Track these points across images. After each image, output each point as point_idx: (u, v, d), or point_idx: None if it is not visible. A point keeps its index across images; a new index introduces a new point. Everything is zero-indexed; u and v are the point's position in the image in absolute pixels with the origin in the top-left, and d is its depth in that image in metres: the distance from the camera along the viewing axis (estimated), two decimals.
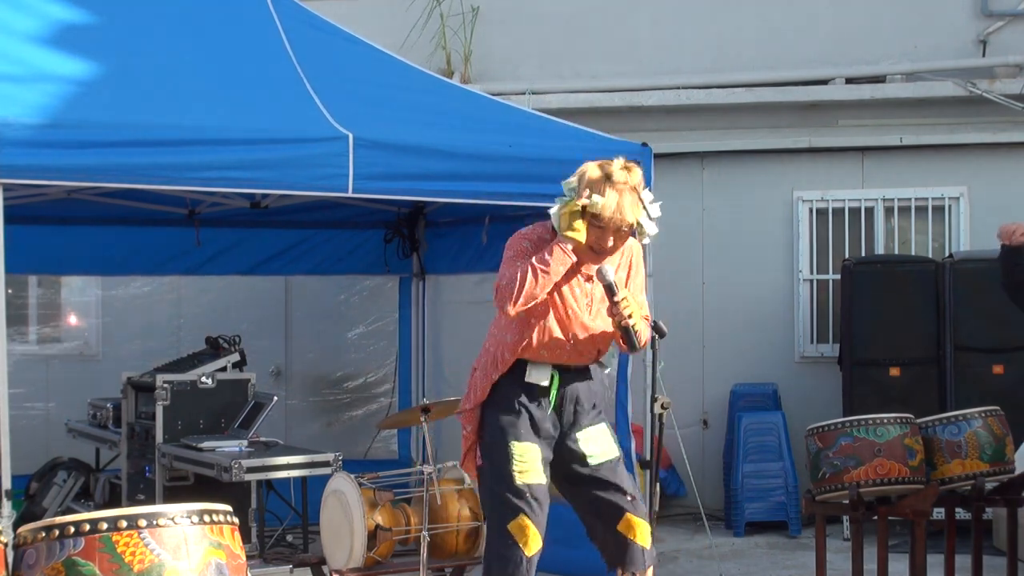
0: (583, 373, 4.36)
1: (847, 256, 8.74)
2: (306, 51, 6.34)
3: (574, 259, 4.14)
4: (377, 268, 8.48)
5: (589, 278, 4.26)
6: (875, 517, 5.45)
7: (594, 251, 4.16)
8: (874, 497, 5.37)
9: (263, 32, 6.41)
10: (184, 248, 8.11)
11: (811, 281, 9.23)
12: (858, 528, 5.48)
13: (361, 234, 8.47)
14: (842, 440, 5.27)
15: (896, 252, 8.95)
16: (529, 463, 4.19)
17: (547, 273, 4.09)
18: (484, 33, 9.54)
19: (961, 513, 6.01)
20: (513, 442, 4.20)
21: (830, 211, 9.19)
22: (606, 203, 4.07)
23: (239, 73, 6.14)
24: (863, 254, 8.91)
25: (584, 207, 4.09)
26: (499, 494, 4.19)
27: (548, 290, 4.13)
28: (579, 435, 4.31)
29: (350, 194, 5.87)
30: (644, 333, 4.26)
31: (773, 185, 9.28)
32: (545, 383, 4.25)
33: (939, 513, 6.25)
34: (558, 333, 4.23)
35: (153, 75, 5.90)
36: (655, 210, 4.18)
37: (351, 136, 5.71)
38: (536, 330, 4.23)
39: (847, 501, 5.30)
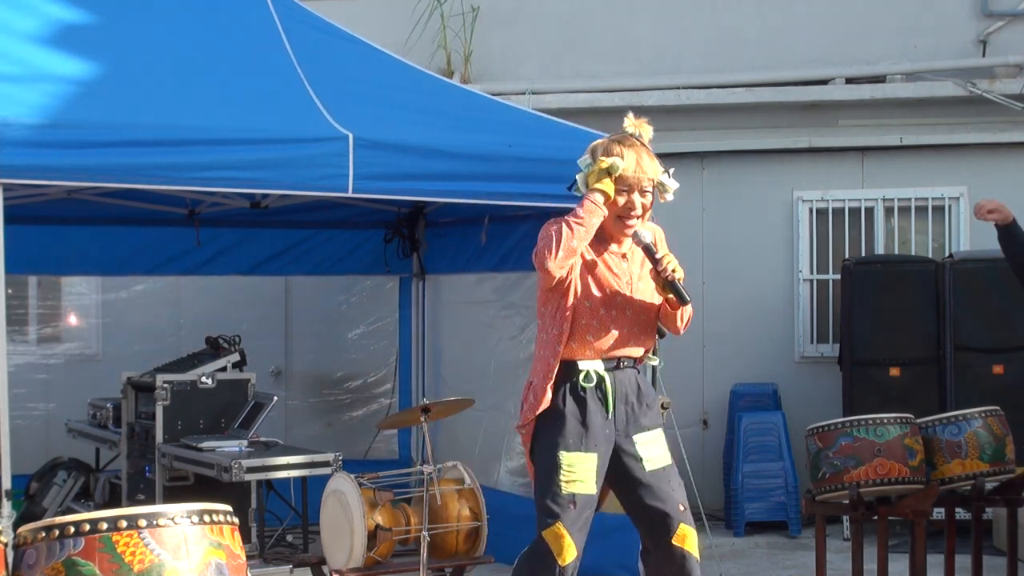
0: (630, 374, 4.30)
1: (847, 256, 8.74)
2: (306, 51, 6.34)
3: (605, 212, 4.13)
4: (377, 268, 8.48)
5: (624, 256, 4.28)
6: (875, 517, 5.45)
7: (622, 219, 4.19)
8: (874, 497, 5.37)
9: (263, 32, 6.41)
10: (184, 248, 8.11)
11: (811, 281, 9.23)
12: (858, 528, 5.48)
13: (361, 234, 8.47)
14: (842, 440, 5.27)
15: (896, 252, 8.95)
16: (579, 473, 4.12)
17: (581, 224, 4.08)
18: (484, 33, 9.54)
19: (961, 513, 6.01)
20: (562, 452, 4.14)
21: (830, 211, 9.19)
22: (627, 162, 4.15)
23: (239, 73, 6.14)
24: (863, 254, 8.91)
25: (607, 169, 4.13)
26: (541, 501, 4.13)
27: (585, 243, 4.12)
28: (636, 437, 4.25)
29: (350, 194, 5.86)
30: (688, 307, 4.32)
31: (773, 185, 9.28)
32: (592, 384, 4.19)
33: (939, 513, 6.26)
34: (603, 314, 4.20)
35: (153, 75, 5.90)
36: (670, 174, 4.27)
37: (351, 136, 5.71)
38: (582, 313, 4.18)
39: (847, 501, 5.30)
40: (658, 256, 4.18)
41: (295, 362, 8.82)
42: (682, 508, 4.26)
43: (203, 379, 7.06)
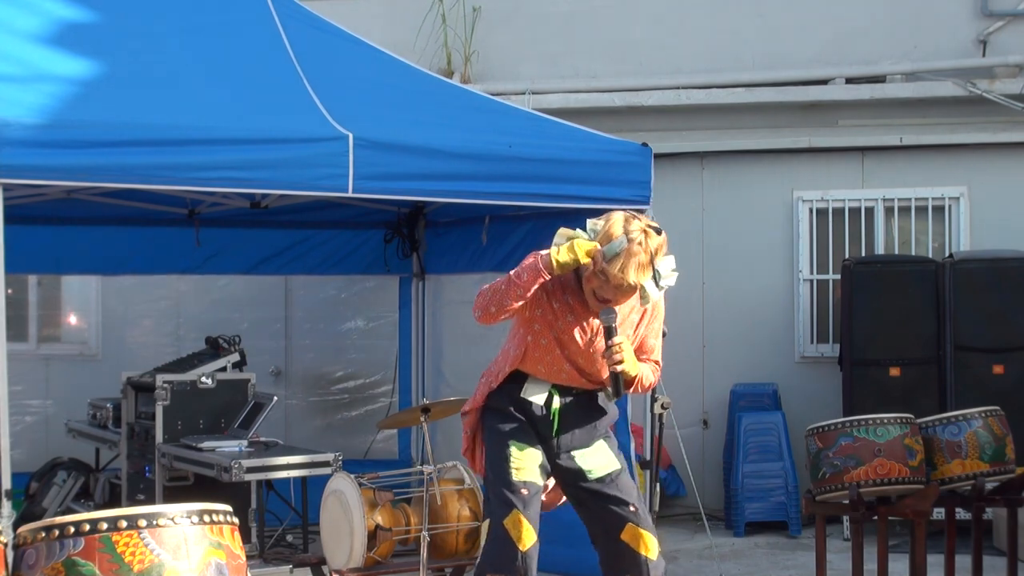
0: (584, 398, 4.36)
1: (847, 256, 8.74)
2: (306, 51, 6.34)
3: (547, 277, 4.12)
4: (377, 268, 8.48)
5: (591, 316, 4.29)
6: (875, 517, 5.45)
7: (596, 299, 4.18)
8: (874, 497, 5.37)
9: (263, 32, 6.41)
10: (184, 248, 8.12)
11: (811, 281, 9.23)
12: (858, 528, 5.47)
13: (361, 234, 8.47)
14: (842, 440, 5.27)
15: (896, 252, 8.95)
16: (525, 463, 4.24)
17: (520, 288, 4.12)
18: (484, 33, 9.54)
19: (961, 513, 6.01)
20: (511, 442, 4.26)
21: (830, 211, 9.19)
22: (614, 260, 4.06)
23: (239, 73, 6.14)
24: (863, 254, 8.91)
25: (592, 255, 4.10)
26: (495, 492, 4.23)
27: (518, 304, 4.15)
28: (575, 454, 4.35)
29: (350, 194, 5.86)
30: (647, 378, 4.31)
31: (773, 185, 9.28)
32: (539, 402, 4.30)
33: (939, 513, 6.26)
34: (559, 357, 4.26)
35: (153, 75, 5.90)
36: (670, 280, 4.15)
37: (351, 136, 5.71)
38: (537, 349, 4.27)
39: (847, 501, 5.30)
40: (611, 343, 4.13)
41: (295, 362, 8.82)
42: (633, 508, 4.29)
43: (203, 379, 7.06)
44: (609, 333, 4.14)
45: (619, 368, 4.13)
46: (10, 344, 5.24)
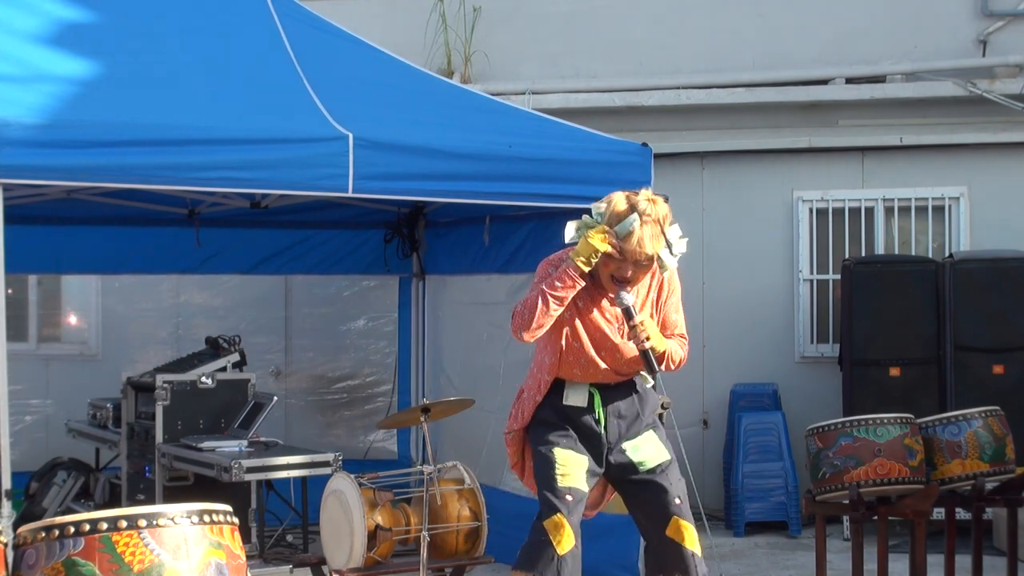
0: (624, 388, 4.44)
1: (847, 256, 8.74)
2: (306, 51, 6.34)
3: (582, 284, 4.23)
4: (377, 268, 8.48)
5: (613, 303, 4.35)
6: (875, 517, 5.45)
7: (616, 280, 4.26)
8: (874, 497, 5.37)
9: (263, 32, 6.41)
10: (184, 248, 8.12)
11: (811, 281, 9.23)
12: (858, 528, 5.47)
13: (361, 234, 8.47)
14: (842, 440, 5.27)
15: (896, 252, 8.95)
16: (571, 469, 4.29)
17: (557, 302, 4.22)
18: (484, 33, 9.54)
19: (961, 513, 6.01)
20: (556, 449, 4.31)
21: (830, 211, 9.19)
22: (629, 236, 4.16)
23: (239, 73, 6.14)
24: (863, 254, 8.91)
25: (607, 239, 4.18)
26: (541, 494, 4.28)
27: (559, 313, 4.24)
28: (626, 445, 4.40)
29: (350, 194, 5.86)
30: (676, 353, 4.41)
31: (773, 185, 9.27)
32: (582, 404, 4.36)
33: (939, 513, 6.26)
34: (592, 354, 4.34)
35: (153, 75, 5.90)
36: (681, 246, 4.29)
37: (351, 136, 5.71)
38: (570, 352, 4.34)
39: (847, 501, 5.30)
40: (633, 323, 4.24)
41: (295, 362, 8.82)
42: (678, 501, 4.37)
43: (203, 379, 7.06)
44: (629, 314, 4.23)
45: (647, 345, 4.21)
46: (10, 344, 5.24)
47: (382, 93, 6.44)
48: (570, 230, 4.29)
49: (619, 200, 4.24)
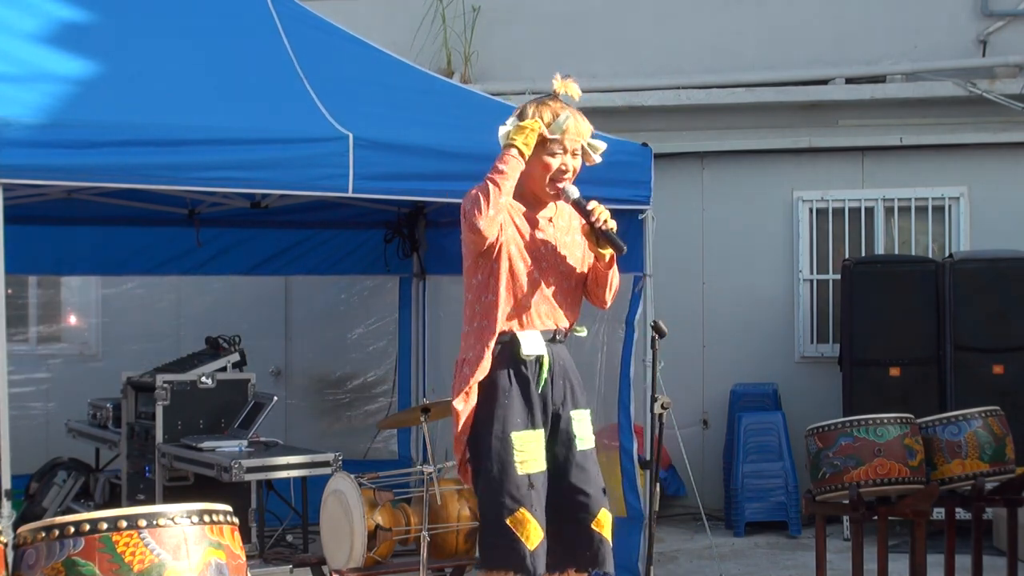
0: (564, 346, 4.23)
1: (847, 256, 8.74)
2: (306, 51, 6.34)
3: (523, 164, 4.08)
4: (377, 268, 8.48)
5: (550, 220, 4.21)
6: (875, 517, 5.45)
7: (553, 181, 4.15)
8: (874, 497, 5.36)
9: (263, 32, 6.41)
10: (184, 248, 8.11)
11: (811, 281, 9.23)
12: (858, 528, 5.47)
13: (361, 234, 8.47)
14: (842, 440, 5.26)
15: (896, 252, 8.95)
16: (529, 451, 4.04)
17: (505, 178, 4.02)
18: (484, 33, 9.54)
19: (961, 513, 6.01)
20: (513, 433, 4.03)
21: (830, 211, 9.19)
22: (567, 122, 4.13)
23: (239, 73, 6.14)
24: (863, 254, 8.91)
25: (540, 131, 4.11)
26: (498, 487, 4.01)
27: (510, 197, 4.05)
28: (573, 414, 4.17)
29: (350, 194, 5.86)
30: (617, 274, 4.27)
31: (773, 185, 9.28)
32: (541, 352, 4.09)
33: (939, 513, 6.25)
34: (536, 276, 4.12)
35: (153, 75, 5.90)
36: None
37: (351, 136, 5.71)
38: (514, 281, 4.09)
39: (847, 501, 5.30)
40: (589, 207, 4.10)
41: (295, 362, 8.82)
42: (604, 491, 4.17)
43: (203, 379, 7.06)
44: (580, 205, 4.11)
45: (611, 225, 4.10)
46: (10, 344, 5.24)
47: (382, 93, 6.44)
48: (503, 138, 4.17)
49: (533, 104, 4.20)
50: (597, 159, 4.27)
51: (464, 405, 4.07)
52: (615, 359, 6.70)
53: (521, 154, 4.09)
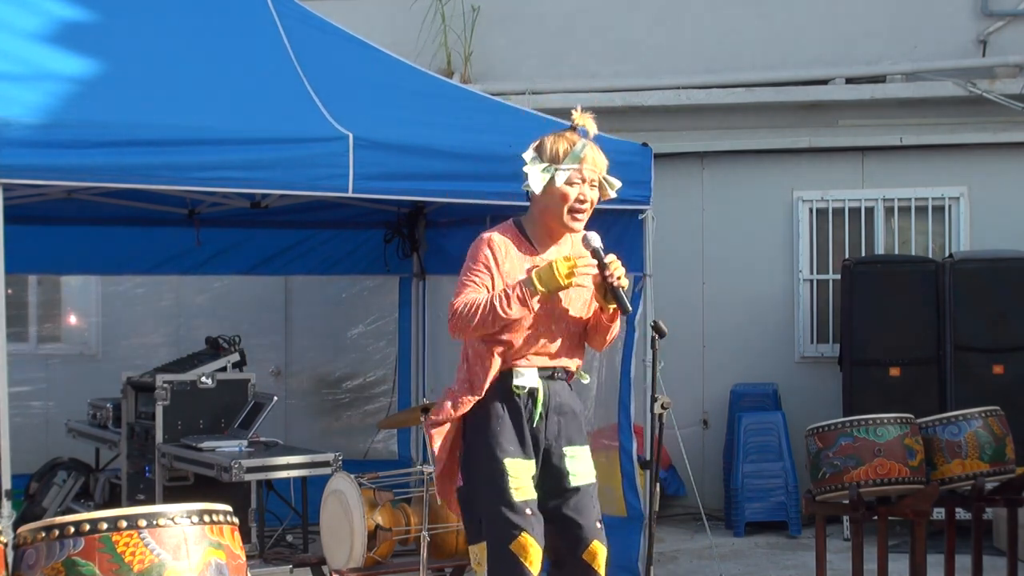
0: (565, 385, 4.20)
1: (847, 256, 8.74)
2: (306, 51, 6.34)
3: (533, 310, 3.99)
4: (377, 268, 8.48)
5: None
6: (875, 517, 5.45)
7: (572, 212, 4.10)
8: (874, 497, 5.36)
9: (263, 32, 6.41)
10: (184, 248, 8.12)
11: (811, 281, 9.23)
12: (858, 528, 5.47)
13: (361, 234, 8.47)
14: (842, 440, 5.26)
15: (896, 252, 8.95)
16: (522, 479, 4.01)
17: (506, 318, 3.96)
18: (484, 33, 9.54)
19: (961, 513, 6.01)
20: (506, 460, 4.01)
21: (830, 211, 9.19)
22: (583, 150, 4.09)
23: (239, 73, 6.14)
24: (863, 254, 8.91)
25: (573, 154, 4.09)
26: (496, 514, 3.97)
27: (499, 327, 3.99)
28: (567, 451, 4.14)
29: (350, 194, 5.86)
30: (617, 327, 4.23)
31: (773, 185, 9.28)
32: (535, 385, 4.07)
33: (939, 513, 6.26)
34: (542, 316, 4.06)
35: (153, 75, 5.90)
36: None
37: (351, 136, 5.71)
38: (520, 321, 4.04)
39: (847, 501, 5.30)
40: (607, 260, 4.02)
41: (295, 362, 8.82)
42: (598, 525, 4.13)
43: (203, 379, 7.06)
44: (599, 255, 4.03)
45: (623, 283, 4.02)
46: (10, 344, 5.24)
47: (382, 93, 6.45)
48: (535, 177, 4.13)
49: (550, 140, 4.15)
50: (613, 195, 4.24)
51: (439, 443, 4.12)
52: (615, 359, 6.69)
53: (533, 297, 3.97)
